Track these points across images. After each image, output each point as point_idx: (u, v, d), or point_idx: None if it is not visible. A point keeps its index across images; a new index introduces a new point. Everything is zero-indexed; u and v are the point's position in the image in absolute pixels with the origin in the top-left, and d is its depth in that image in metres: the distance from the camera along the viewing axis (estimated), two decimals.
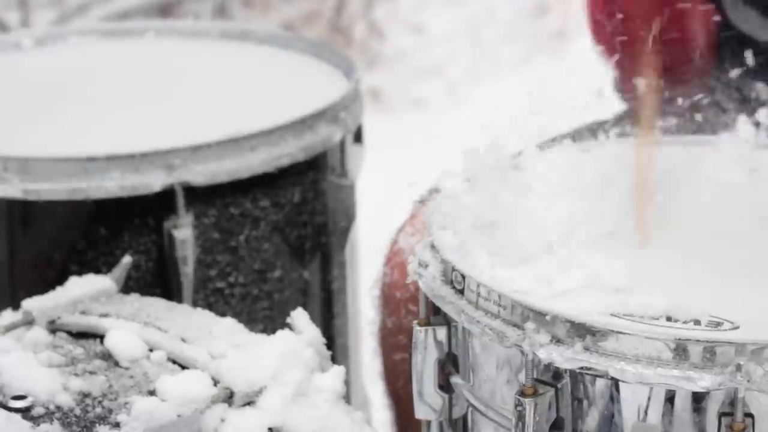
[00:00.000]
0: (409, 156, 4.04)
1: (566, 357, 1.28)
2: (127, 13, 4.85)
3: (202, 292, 1.82)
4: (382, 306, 2.02)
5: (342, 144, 1.93)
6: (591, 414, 1.32)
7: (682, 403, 1.28)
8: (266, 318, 1.87)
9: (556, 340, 1.29)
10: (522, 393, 1.30)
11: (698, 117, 1.97)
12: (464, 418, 1.45)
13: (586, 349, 1.28)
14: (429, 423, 1.48)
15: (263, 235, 1.85)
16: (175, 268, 1.78)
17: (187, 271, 1.78)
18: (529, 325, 1.30)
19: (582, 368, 1.28)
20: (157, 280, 1.80)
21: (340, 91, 1.92)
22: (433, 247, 1.44)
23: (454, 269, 1.39)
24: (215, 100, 2.01)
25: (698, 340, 1.25)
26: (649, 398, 1.29)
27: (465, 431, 1.46)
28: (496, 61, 5.44)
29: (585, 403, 1.32)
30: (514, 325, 1.32)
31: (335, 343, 1.98)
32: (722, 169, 1.63)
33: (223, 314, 1.80)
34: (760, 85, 1.97)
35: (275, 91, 2.04)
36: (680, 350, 1.25)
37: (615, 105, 2.18)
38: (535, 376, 1.32)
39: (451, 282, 1.40)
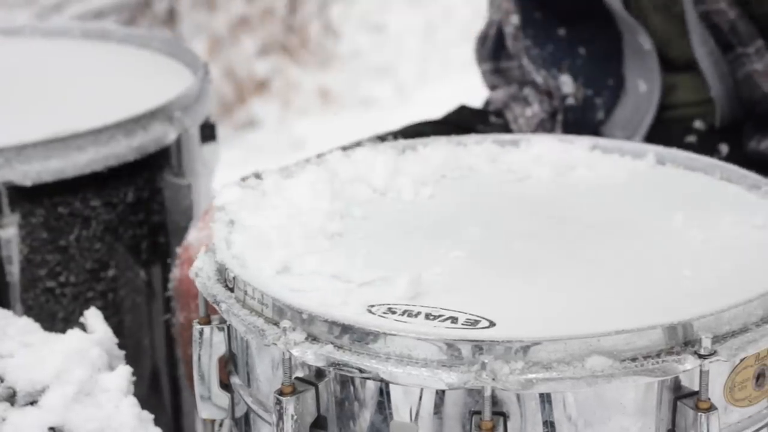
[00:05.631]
0: None
1: (318, 355, 1.27)
2: (102, 12, 4.86)
3: (32, 291, 1.82)
4: (175, 301, 2.00)
5: (179, 143, 1.92)
6: (352, 412, 1.31)
7: (438, 401, 1.28)
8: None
9: (312, 339, 1.29)
10: (281, 392, 1.30)
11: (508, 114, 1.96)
12: (245, 417, 1.45)
13: (340, 347, 1.27)
14: (213, 423, 1.47)
15: (95, 234, 1.85)
16: (0, 267, 1.78)
17: (13, 270, 1.78)
18: (286, 323, 1.29)
19: (334, 366, 1.27)
20: None
21: (176, 91, 1.91)
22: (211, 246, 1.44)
23: (225, 268, 1.39)
24: (59, 99, 2.01)
25: (448, 339, 1.24)
26: (406, 396, 1.29)
27: (247, 431, 1.45)
28: (447, 61, 5.42)
29: (346, 401, 1.31)
30: (275, 324, 1.32)
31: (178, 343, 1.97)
32: (525, 167, 1.63)
33: (54, 314, 1.80)
34: (563, 78, 1.94)
35: (122, 90, 2.03)
36: (430, 349, 1.25)
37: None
38: (300, 375, 1.32)
39: (225, 281, 1.40)
